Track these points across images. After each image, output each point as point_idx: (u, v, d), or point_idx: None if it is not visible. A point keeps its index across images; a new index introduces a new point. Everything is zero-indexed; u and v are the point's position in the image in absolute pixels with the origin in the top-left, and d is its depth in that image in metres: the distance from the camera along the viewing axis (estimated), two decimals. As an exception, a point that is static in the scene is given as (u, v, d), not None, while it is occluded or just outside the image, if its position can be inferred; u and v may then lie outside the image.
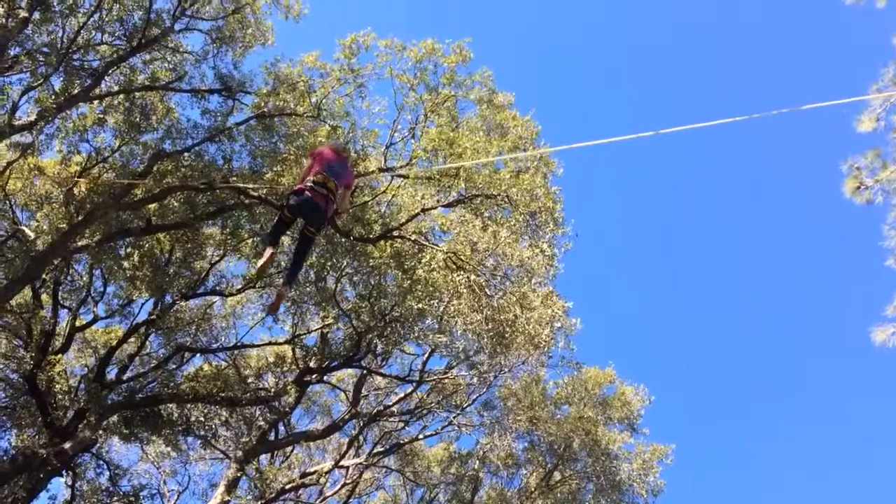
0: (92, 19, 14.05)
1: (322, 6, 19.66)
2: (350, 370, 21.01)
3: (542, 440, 22.45)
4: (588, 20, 45.57)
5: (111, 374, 17.62)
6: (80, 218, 14.21)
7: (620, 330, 45.86)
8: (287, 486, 20.08)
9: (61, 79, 14.04)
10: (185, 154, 15.35)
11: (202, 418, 17.63)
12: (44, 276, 15.80)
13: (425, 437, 22.73)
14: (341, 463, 21.64)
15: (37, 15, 13.07)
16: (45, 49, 13.68)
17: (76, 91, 13.88)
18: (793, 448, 42.88)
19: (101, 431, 16.29)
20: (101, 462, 17.69)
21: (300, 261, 8.03)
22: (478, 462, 22.83)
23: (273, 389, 18.16)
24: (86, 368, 18.74)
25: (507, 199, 14.96)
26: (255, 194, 14.53)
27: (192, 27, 15.22)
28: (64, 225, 14.40)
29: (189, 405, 17.21)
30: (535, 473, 22.86)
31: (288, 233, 9.77)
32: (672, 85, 45.90)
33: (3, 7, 11.91)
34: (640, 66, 46.67)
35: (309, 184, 7.38)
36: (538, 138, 16.61)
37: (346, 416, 20.50)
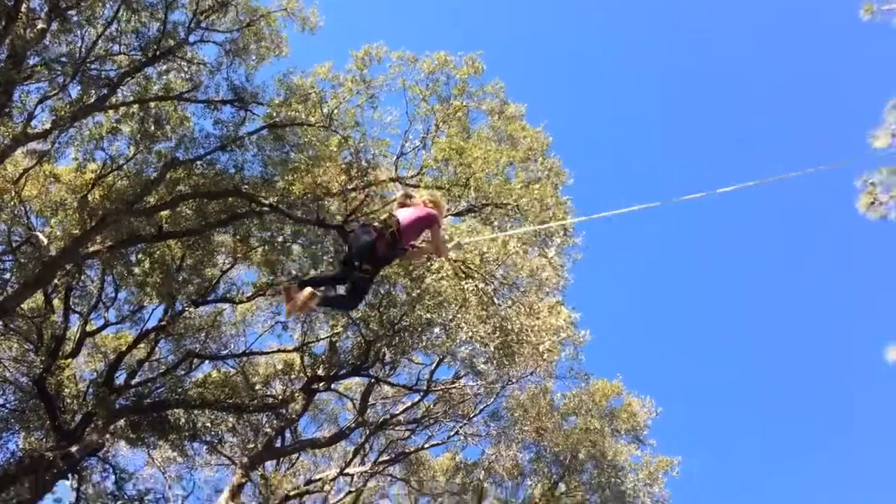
0: (109, 30, 14.25)
1: (337, 19, 19.87)
2: (358, 379, 21.09)
3: (548, 451, 22.44)
4: (601, 32, 45.77)
5: (120, 379, 17.71)
6: (92, 224, 14.37)
7: (629, 342, 45.76)
8: (292, 493, 20.09)
9: (78, 88, 14.23)
10: (198, 162, 15.51)
11: (209, 424, 17.67)
12: (56, 281, 15.94)
13: (431, 446, 22.77)
14: (346, 471, 21.68)
15: (55, 26, 13.27)
16: (62, 59, 13.88)
17: (92, 100, 14.05)
18: (802, 460, 42.65)
19: (108, 435, 16.41)
20: (108, 466, 17.79)
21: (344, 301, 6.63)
22: (483, 472, 22.81)
23: (280, 397, 18.22)
24: (95, 373, 18.85)
25: (517, 209, 15.02)
26: (266, 202, 14.66)
27: (206, 39, 15.40)
28: (77, 231, 14.56)
29: (196, 411, 17.28)
30: (540, 484, 22.84)
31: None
32: (683, 93, 45.95)
33: (22, 18, 12.08)
34: (651, 77, 46.82)
35: (376, 222, 6.34)
36: (548, 150, 16.69)
37: (353, 425, 20.57)
